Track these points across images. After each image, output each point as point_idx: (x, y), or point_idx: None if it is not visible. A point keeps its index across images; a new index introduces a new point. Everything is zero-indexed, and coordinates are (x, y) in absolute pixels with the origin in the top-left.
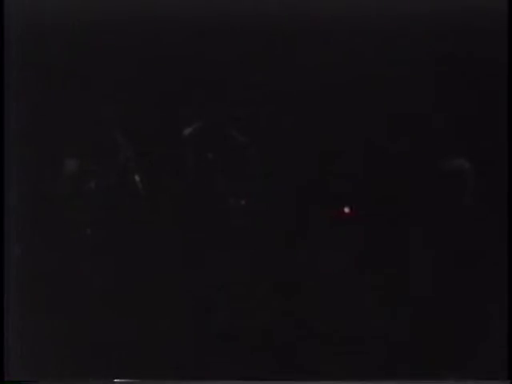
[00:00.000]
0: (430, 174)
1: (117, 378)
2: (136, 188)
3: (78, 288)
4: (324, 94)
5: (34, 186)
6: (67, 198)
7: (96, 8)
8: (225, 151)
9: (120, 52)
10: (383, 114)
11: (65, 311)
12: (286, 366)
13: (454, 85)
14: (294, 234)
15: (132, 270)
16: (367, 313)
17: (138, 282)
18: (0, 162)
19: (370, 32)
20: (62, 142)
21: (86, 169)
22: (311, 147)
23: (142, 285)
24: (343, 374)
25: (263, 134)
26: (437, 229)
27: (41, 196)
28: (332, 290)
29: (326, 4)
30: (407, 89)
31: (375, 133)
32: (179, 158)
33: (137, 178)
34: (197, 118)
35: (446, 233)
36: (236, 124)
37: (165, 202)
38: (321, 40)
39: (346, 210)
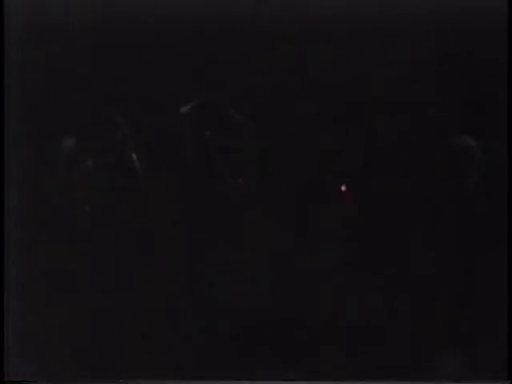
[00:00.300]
0: (434, 157)
1: (117, 378)
2: (133, 166)
3: (78, 288)
4: (326, 75)
5: (34, 177)
6: (65, 176)
7: (96, 8)
8: (222, 129)
9: (120, 41)
10: (384, 100)
11: (65, 311)
12: (286, 366)
13: (455, 79)
14: (293, 213)
15: (131, 259)
16: (367, 312)
17: (137, 274)
18: (0, 161)
19: (369, 31)
20: (61, 138)
21: (84, 148)
22: (310, 126)
23: (142, 278)
24: (343, 374)
25: (260, 113)
26: (440, 223)
27: (40, 185)
28: (332, 286)
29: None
30: (409, 82)
31: (378, 116)
32: (176, 136)
33: (134, 156)
34: (194, 97)
35: (450, 227)
36: (233, 102)
37: (162, 179)
38: (321, 29)
39: (343, 188)
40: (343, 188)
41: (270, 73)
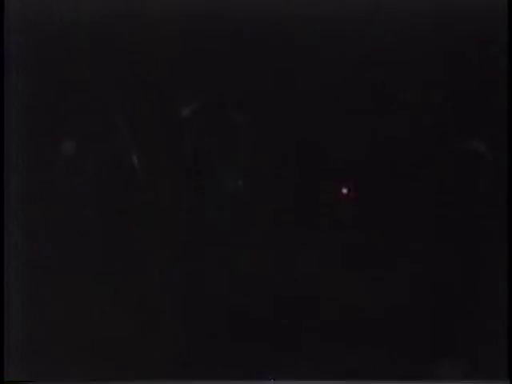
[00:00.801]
0: (443, 157)
1: (117, 378)
2: (134, 169)
3: (78, 289)
4: (326, 74)
5: (34, 179)
6: (65, 179)
7: (96, 7)
8: (222, 131)
9: (121, 43)
10: (390, 101)
11: (65, 311)
12: (286, 366)
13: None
14: (293, 216)
15: (131, 262)
16: (366, 312)
17: (137, 275)
18: (0, 160)
19: (370, 34)
20: (61, 139)
21: (84, 150)
22: (312, 129)
23: (142, 279)
24: (343, 374)
25: (262, 115)
26: (445, 220)
27: (39, 183)
28: (332, 286)
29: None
30: (414, 83)
31: (382, 119)
32: (177, 139)
33: (134, 158)
34: (195, 99)
35: (455, 224)
36: (233, 105)
37: (162, 182)
38: (321, 28)
39: (344, 191)
40: (344, 191)
41: (271, 75)
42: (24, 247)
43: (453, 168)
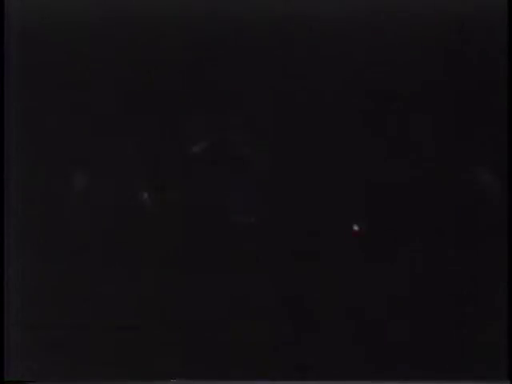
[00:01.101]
0: (449, 185)
1: (117, 378)
2: (144, 204)
3: (78, 289)
4: (334, 104)
5: (40, 199)
6: (75, 214)
7: (97, 9)
8: (234, 168)
9: (118, 42)
10: (395, 123)
11: (65, 311)
12: (286, 366)
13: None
14: (303, 249)
15: (136, 280)
16: (368, 314)
17: (137, 275)
18: (0, 167)
19: (370, 35)
20: (64, 150)
21: (94, 184)
22: (323, 161)
23: (146, 297)
24: (343, 374)
25: (272, 150)
26: (447, 234)
27: (48, 212)
28: (333, 291)
29: (325, 4)
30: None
31: (388, 144)
32: (187, 175)
33: (145, 194)
34: (205, 136)
35: (456, 236)
36: (244, 142)
37: (173, 218)
38: (325, 52)
39: (355, 228)
40: (355, 228)
41: (281, 109)
42: (24, 248)
43: (452, 169)
